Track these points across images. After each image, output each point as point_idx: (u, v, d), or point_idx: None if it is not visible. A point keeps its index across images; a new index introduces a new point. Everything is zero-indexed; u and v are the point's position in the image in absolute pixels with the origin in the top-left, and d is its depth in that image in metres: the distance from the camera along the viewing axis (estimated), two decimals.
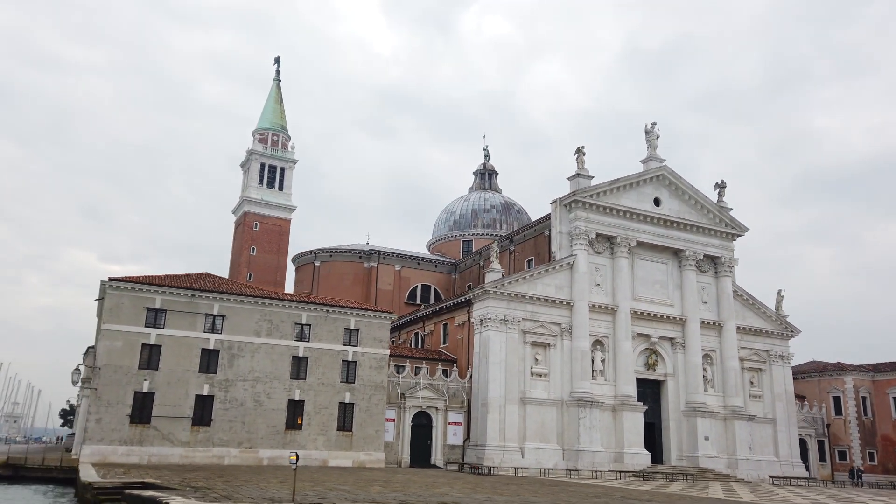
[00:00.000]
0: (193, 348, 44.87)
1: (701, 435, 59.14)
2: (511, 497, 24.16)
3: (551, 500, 23.72)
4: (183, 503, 16.79)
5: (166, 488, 22.52)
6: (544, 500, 23.64)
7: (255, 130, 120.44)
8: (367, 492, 23.89)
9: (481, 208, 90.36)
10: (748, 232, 66.68)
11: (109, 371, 42.48)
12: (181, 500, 17.36)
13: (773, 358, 67.18)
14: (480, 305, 56.51)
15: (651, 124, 66.24)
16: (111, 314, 43.20)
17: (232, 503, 17.05)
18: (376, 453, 48.76)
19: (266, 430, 45.76)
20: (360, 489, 24.99)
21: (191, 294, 45.31)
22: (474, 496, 23.99)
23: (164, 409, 43.30)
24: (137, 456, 41.76)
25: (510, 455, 52.50)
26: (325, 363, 48.37)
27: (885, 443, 70.98)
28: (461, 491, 26.88)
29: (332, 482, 28.39)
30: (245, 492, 21.55)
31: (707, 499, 29.31)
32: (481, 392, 54.31)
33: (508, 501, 20.99)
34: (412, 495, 23.25)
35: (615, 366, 58.41)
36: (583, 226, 59.29)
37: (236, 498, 18.91)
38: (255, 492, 21.88)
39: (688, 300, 62.94)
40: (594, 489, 33.18)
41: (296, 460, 19.88)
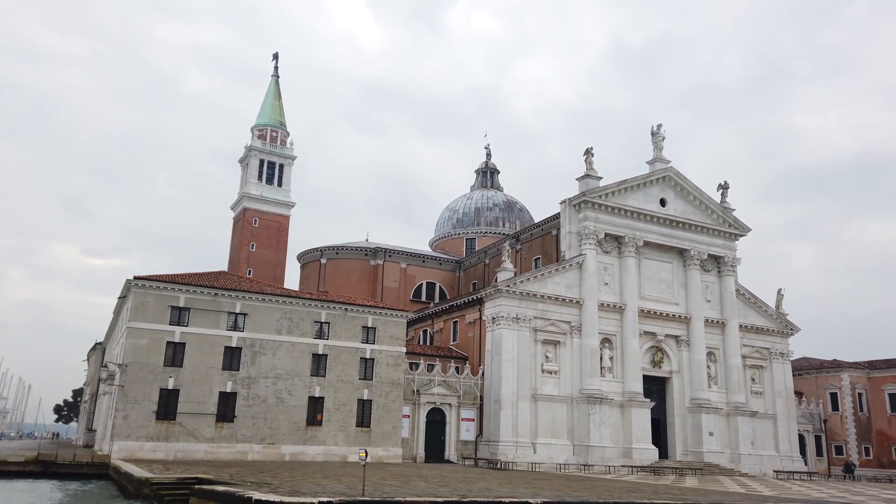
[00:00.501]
0: (217, 346, 45.55)
1: (705, 430, 60.61)
2: (554, 492, 25.20)
3: (595, 495, 24.81)
4: (264, 498, 17.62)
5: (223, 483, 23.30)
6: (587, 495, 24.72)
7: (253, 126, 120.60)
8: (415, 486, 24.83)
9: (484, 206, 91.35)
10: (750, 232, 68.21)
11: (135, 368, 43.08)
12: (261, 494, 18.19)
13: (773, 355, 68.80)
14: (492, 304, 57.52)
15: (657, 126, 67.48)
16: (137, 312, 43.77)
17: (310, 497, 17.90)
18: (394, 449, 49.72)
19: (288, 426, 46.56)
20: (406, 484, 25.93)
21: (214, 293, 45.95)
22: (519, 491, 25.01)
23: (188, 405, 43.98)
24: (164, 452, 42.45)
25: (522, 451, 53.65)
26: (343, 360, 49.22)
27: (881, 438, 72.93)
28: (500, 486, 27.89)
29: (374, 477, 29.31)
30: (308, 486, 22.42)
31: (732, 493, 30.55)
32: (494, 389, 55.38)
33: (555, 496, 22.01)
34: (461, 490, 24.22)
35: (623, 363, 59.70)
36: (592, 226, 60.44)
37: (309, 492, 19.77)
38: (313, 486, 22.75)
39: (692, 299, 64.32)
40: (618, 484, 34.34)
41: (365, 457, 20.76)
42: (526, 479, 33.72)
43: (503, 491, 23.87)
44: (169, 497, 23.46)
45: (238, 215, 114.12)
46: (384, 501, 18.08)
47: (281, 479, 26.08)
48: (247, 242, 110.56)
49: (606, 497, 23.59)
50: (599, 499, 22.42)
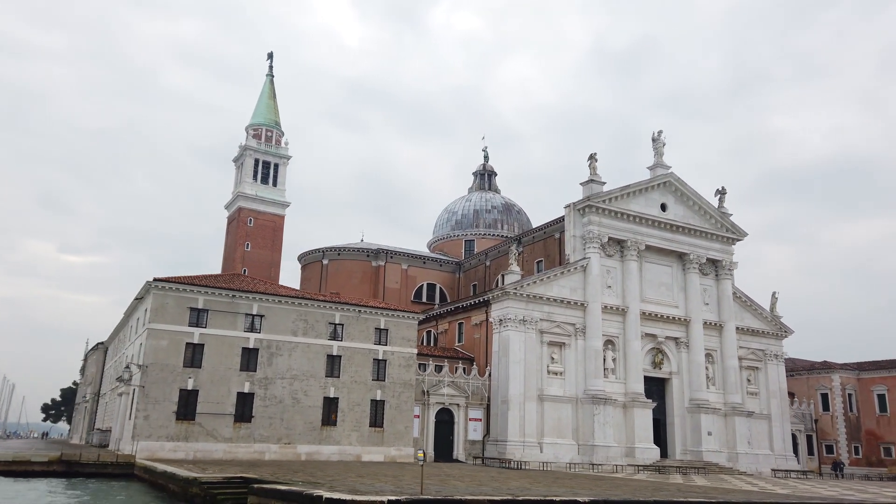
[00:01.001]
0: (234, 347, 46.20)
1: (704, 430, 62.24)
2: (587, 490, 26.32)
3: (630, 493, 25.96)
4: (335, 496, 18.49)
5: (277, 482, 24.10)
6: (621, 493, 25.87)
7: (248, 126, 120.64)
8: (456, 486, 25.80)
9: (483, 209, 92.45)
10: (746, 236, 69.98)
11: (156, 369, 43.62)
12: (330, 493, 19.06)
13: (768, 357, 70.67)
14: (499, 306, 58.64)
15: (658, 132, 69.04)
16: (156, 314, 44.29)
17: (378, 496, 18.79)
18: (406, 448, 50.64)
19: (303, 426, 47.32)
20: (446, 483, 26.90)
21: (231, 294, 46.59)
22: (555, 490, 26.10)
23: (207, 406, 44.59)
24: (184, 452, 43.04)
25: (530, 450, 54.85)
26: (357, 361, 50.05)
27: (869, 437, 75.12)
28: (531, 484, 28.99)
29: (406, 476, 30.25)
30: (358, 485, 23.30)
31: (752, 492, 31.88)
32: (501, 389, 56.51)
33: (596, 495, 23.10)
34: (501, 489, 25.26)
35: (625, 364, 61.12)
36: (596, 230, 61.77)
37: (370, 491, 20.68)
38: (362, 486, 23.64)
39: (691, 302, 65.92)
40: (635, 482, 35.58)
41: (423, 458, 21.71)
42: (548, 479, 34.85)
43: (539, 491, 24.93)
44: (223, 496, 24.19)
45: (233, 215, 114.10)
46: (448, 500, 19.04)
47: (326, 479, 26.93)
48: (242, 242, 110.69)
49: (642, 496, 24.73)
50: (637, 497, 23.55)
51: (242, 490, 23.74)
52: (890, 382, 74.49)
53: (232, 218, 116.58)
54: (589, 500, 20.79)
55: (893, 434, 73.39)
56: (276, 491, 21.01)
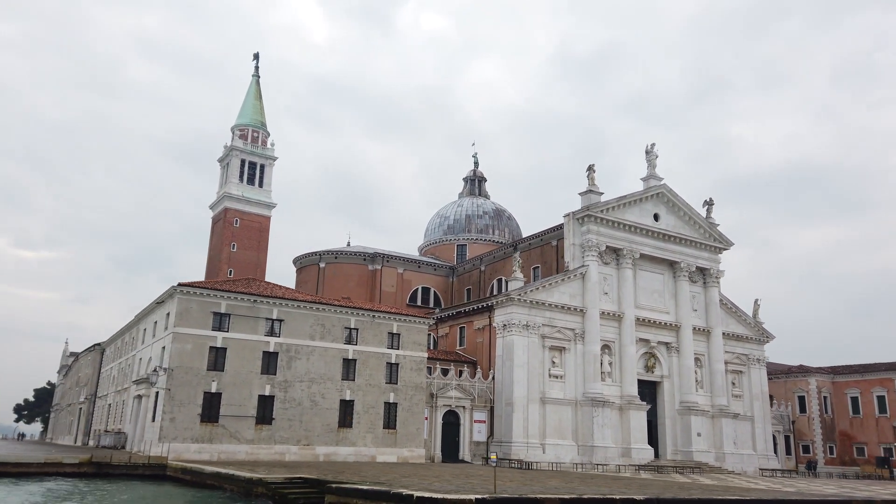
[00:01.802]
0: (255, 351, 47.33)
1: (694, 431, 65.20)
2: (621, 488, 28.42)
3: (660, 489, 28.15)
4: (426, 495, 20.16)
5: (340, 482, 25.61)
6: (652, 491, 28.04)
7: (234, 126, 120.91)
8: (506, 486, 27.65)
9: (474, 214, 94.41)
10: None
11: (181, 372, 44.57)
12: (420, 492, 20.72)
13: (751, 361, 74.08)
14: (503, 311, 60.66)
15: (651, 145, 71.81)
16: (181, 318, 45.21)
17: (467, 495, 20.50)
18: (417, 449, 52.33)
19: (321, 427, 48.67)
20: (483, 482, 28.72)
21: (253, 299, 47.71)
22: (603, 489, 28.14)
23: (230, 408, 45.67)
24: (208, 453, 44.06)
25: (533, 451, 57.00)
26: (371, 365, 51.55)
27: (843, 438, 79.14)
28: (564, 484, 31.00)
29: (443, 476, 31.99)
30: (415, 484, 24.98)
31: (765, 490, 34.40)
32: (505, 392, 58.54)
33: (624, 493, 25.16)
34: (536, 489, 27.20)
35: (621, 368, 63.70)
36: (594, 238, 64.22)
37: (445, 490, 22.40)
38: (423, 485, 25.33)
39: (681, 308, 68.87)
40: (645, 481, 37.88)
41: (496, 460, 23.48)
42: (567, 478, 36.91)
43: (581, 490, 26.92)
44: (294, 495, 25.61)
45: (218, 215, 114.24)
46: (526, 499, 20.87)
47: (385, 479, 28.51)
48: (228, 242, 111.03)
49: (679, 494, 26.91)
50: (680, 495, 25.71)
51: (310, 490, 25.21)
52: (863, 386, 78.58)
53: (217, 218, 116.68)
54: (644, 499, 22.82)
55: (865, 435, 77.48)
56: (358, 490, 22.54)
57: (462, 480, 28.62)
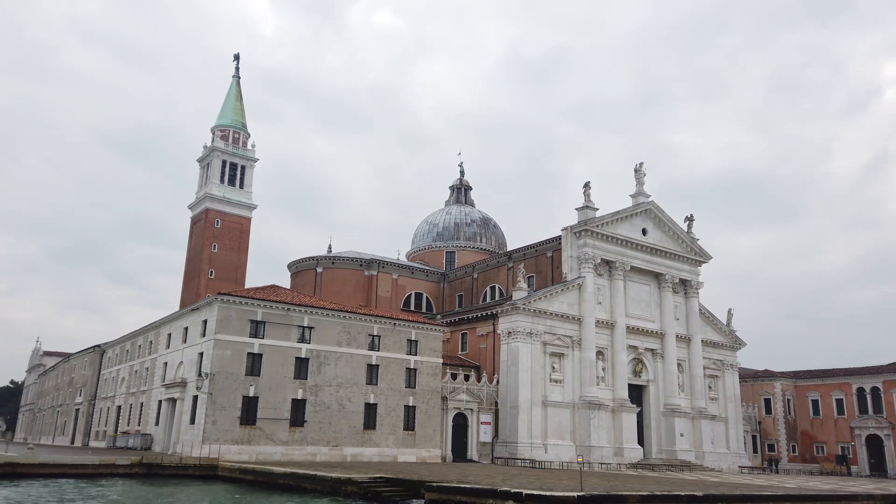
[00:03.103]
0: (289, 357, 49.79)
1: (678, 432, 70.26)
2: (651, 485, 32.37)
3: (693, 486, 32.21)
4: (535, 493, 23.52)
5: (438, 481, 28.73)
6: (687, 489, 32.09)
7: (214, 127, 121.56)
8: (553, 484, 31.21)
9: (463, 222, 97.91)
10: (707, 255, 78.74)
11: (221, 377, 46.74)
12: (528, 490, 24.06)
13: (725, 366, 79.80)
14: (508, 319, 64.37)
15: (639, 164, 76.68)
16: (221, 325, 47.35)
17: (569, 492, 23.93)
18: (434, 450, 55.57)
19: (348, 430, 51.43)
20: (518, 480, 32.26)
21: (286, 308, 50.14)
22: (651, 487, 32.01)
23: (266, 411, 48.05)
24: (247, 454, 46.36)
25: (536, 450, 60.89)
26: (392, 370, 54.53)
27: (804, 437, 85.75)
28: (593, 482, 34.81)
29: (472, 475, 35.37)
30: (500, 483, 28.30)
31: (765, 486, 38.97)
32: (511, 395, 62.25)
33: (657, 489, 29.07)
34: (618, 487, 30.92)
35: (613, 373, 68.23)
36: (591, 251, 68.55)
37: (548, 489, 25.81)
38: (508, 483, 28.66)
39: (666, 317, 73.93)
40: (658, 478, 42.12)
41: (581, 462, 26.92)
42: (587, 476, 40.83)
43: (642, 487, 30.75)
44: (387, 493, 28.60)
45: (199, 215, 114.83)
46: (616, 496, 24.46)
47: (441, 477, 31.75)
48: (209, 243, 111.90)
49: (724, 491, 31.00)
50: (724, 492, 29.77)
51: (397, 488, 28.20)
52: (822, 389, 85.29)
53: (197, 218, 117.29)
54: (703, 495, 26.73)
55: (825, 435, 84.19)
56: (460, 488, 25.75)
57: (512, 479, 32.05)
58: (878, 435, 78.84)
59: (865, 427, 79.85)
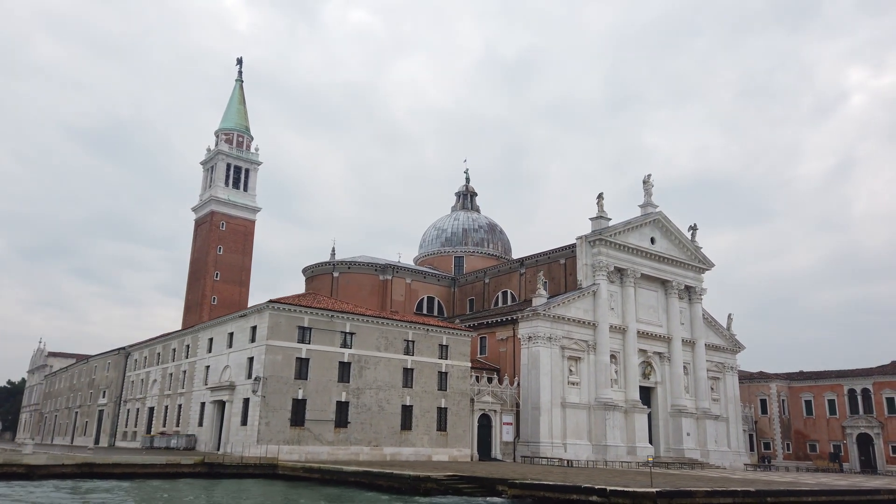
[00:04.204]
0: (333, 361, 52.37)
1: (684, 431, 74.00)
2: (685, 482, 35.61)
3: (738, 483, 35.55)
4: (619, 489, 26.56)
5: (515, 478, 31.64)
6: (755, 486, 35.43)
7: (218, 130, 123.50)
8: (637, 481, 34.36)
9: (470, 228, 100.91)
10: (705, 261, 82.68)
11: (273, 381, 49.21)
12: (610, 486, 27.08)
13: (726, 369, 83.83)
14: (528, 325, 67.51)
15: (647, 176, 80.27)
16: (273, 331, 49.82)
17: (646, 487, 26.99)
18: (465, 449, 58.50)
19: (387, 430, 54.15)
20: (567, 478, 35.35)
21: (330, 314, 52.71)
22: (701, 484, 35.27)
23: (314, 413, 50.61)
24: (297, 454, 48.86)
25: (556, 449, 64.13)
26: (426, 374, 57.34)
27: (798, 436, 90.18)
28: (638, 479, 38.03)
29: (515, 473, 38.39)
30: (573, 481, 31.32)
31: (791, 483, 42.54)
32: (532, 397, 65.41)
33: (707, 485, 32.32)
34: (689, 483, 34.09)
35: (625, 376, 71.75)
36: (604, 260, 71.98)
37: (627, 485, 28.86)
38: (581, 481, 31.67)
39: (672, 322, 77.65)
40: (680, 475, 45.50)
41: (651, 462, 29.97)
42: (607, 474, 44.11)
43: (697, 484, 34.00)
44: (468, 489, 31.44)
45: (204, 217, 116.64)
46: (680, 490, 27.59)
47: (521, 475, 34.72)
48: (214, 245, 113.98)
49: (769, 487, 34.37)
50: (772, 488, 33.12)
51: (473, 484, 31.04)
52: (815, 390, 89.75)
53: (202, 221, 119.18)
54: (755, 490, 30.01)
55: (817, 434, 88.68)
56: (542, 485, 28.72)
57: (558, 475, 35.09)
58: (868, 434, 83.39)
59: (856, 426, 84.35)
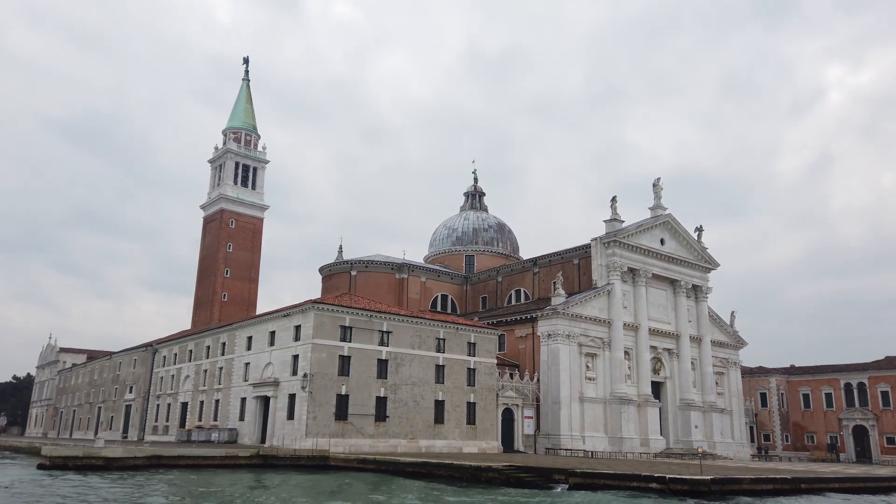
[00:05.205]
0: (372, 358, 55.12)
1: (693, 424, 77.52)
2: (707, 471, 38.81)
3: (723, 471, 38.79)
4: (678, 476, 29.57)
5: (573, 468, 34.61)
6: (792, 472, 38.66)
7: (226, 129, 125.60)
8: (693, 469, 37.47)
9: (480, 227, 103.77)
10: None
11: (319, 378, 51.88)
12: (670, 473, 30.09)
13: (730, 364, 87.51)
14: (548, 323, 70.58)
15: (657, 179, 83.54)
16: (318, 330, 52.47)
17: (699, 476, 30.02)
18: (493, 441, 61.53)
19: (422, 424, 57.02)
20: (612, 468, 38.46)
21: (369, 314, 55.42)
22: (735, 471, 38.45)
23: (356, 407, 53.37)
24: (341, 446, 51.59)
25: (576, 441, 67.33)
26: (456, 370, 60.24)
27: (796, 428, 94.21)
28: (683, 468, 41.21)
29: (550, 462, 41.47)
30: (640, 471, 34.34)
31: (803, 471, 45.96)
32: (552, 392, 68.53)
33: (751, 473, 35.51)
34: (732, 471, 37.24)
35: (638, 371, 75.08)
36: (618, 260, 75.19)
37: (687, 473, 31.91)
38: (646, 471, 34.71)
39: (680, 319, 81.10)
40: (706, 465, 48.82)
41: (700, 452, 33.03)
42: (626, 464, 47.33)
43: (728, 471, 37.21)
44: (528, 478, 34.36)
45: (213, 215, 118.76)
46: (729, 478, 30.68)
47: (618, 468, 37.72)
48: (224, 243, 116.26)
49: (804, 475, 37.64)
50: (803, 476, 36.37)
51: (529, 474, 34.01)
52: (812, 384, 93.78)
53: (211, 218, 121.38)
54: (792, 478, 33.20)
55: (814, 426, 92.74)
56: (604, 473, 31.73)
57: (591, 465, 38.15)
58: (863, 425, 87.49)
59: (852, 418, 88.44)
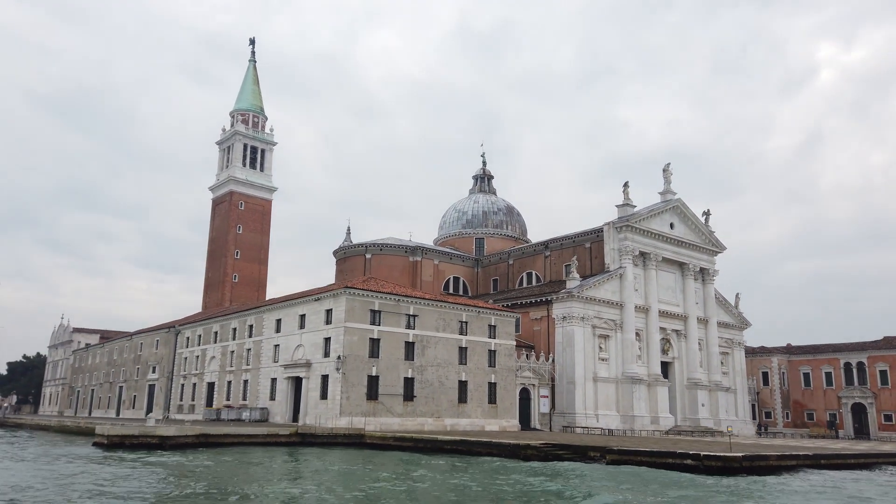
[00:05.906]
0: (399, 341, 57.21)
1: (699, 402, 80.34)
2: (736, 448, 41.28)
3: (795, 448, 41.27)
4: (711, 454, 31.87)
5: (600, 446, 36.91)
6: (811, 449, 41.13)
7: (233, 111, 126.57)
8: (680, 446, 39.84)
9: (490, 210, 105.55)
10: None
11: (351, 359, 53.99)
12: (705, 451, 32.40)
13: (734, 344, 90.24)
14: (563, 305, 72.83)
15: (667, 164, 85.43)
16: (349, 314, 54.46)
17: (726, 453, 32.33)
18: (512, 420, 63.99)
19: (447, 403, 59.34)
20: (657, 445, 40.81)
21: (396, 299, 57.43)
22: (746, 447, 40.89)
23: (385, 388, 55.57)
24: (373, 425, 53.82)
25: (590, 420, 69.96)
26: (478, 352, 62.46)
27: (796, 406, 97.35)
28: (692, 443, 43.67)
29: (578, 439, 43.87)
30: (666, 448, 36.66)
31: (814, 447, 48.57)
32: (567, 372, 70.99)
33: (775, 450, 37.98)
34: (761, 447, 39.64)
35: (648, 352, 77.63)
36: (630, 244, 77.34)
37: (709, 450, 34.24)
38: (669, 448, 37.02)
39: (688, 301, 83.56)
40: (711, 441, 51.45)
41: (731, 431, 35.34)
42: (637, 441, 49.84)
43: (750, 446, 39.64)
44: (567, 456, 36.68)
45: (222, 197, 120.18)
46: (757, 455, 33.02)
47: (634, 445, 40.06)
48: (234, 224, 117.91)
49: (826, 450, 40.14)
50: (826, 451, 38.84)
51: (566, 451, 36.37)
52: (813, 363, 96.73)
53: (220, 200, 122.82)
54: (813, 454, 35.63)
55: (814, 403, 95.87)
56: (641, 451, 34.01)
57: (605, 442, 40.51)
58: (862, 403, 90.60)
59: (851, 396, 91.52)
